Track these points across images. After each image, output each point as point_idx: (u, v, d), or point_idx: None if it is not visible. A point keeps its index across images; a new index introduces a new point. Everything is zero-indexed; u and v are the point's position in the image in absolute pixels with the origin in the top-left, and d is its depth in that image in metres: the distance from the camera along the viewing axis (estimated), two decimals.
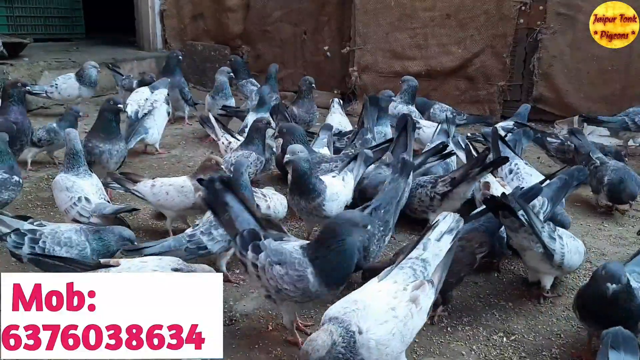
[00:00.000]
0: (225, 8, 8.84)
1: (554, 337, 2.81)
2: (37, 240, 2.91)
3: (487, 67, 7.32)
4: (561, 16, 6.89)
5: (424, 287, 2.27)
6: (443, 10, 7.36)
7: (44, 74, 7.15)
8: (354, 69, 7.85)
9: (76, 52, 8.56)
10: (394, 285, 2.28)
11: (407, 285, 2.27)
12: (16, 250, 2.91)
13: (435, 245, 2.44)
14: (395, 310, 2.17)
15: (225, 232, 2.73)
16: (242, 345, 2.69)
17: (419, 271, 2.34)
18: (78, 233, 3.00)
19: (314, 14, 8.36)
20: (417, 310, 2.21)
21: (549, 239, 2.88)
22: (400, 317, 2.16)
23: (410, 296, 2.23)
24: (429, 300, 2.28)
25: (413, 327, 2.22)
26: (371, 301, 2.20)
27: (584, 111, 6.92)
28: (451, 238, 2.47)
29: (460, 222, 2.55)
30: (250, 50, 8.92)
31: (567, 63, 6.98)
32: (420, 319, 2.25)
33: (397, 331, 2.14)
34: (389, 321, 2.13)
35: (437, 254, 2.42)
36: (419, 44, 7.56)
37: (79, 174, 3.56)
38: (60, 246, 2.93)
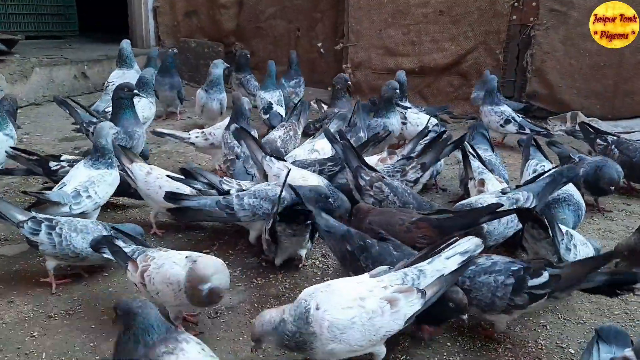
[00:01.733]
0: (219, 5, 8.81)
1: (540, 328, 2.80)
2: (53, 227, 2.93)
3: (481, 63, 7.31)
4: (554, 12, 6.89)
5: (409, 294, 2.22)
6: (436, 6, 7.35)
7: (35, 71, 7.11)
8: (347, 66, 7.82)
9: (68, 49, 8.54)
10: (376, 282, 2.27)
11: (391, 286, 2.24)
12: (32, 236, 2.91)
13: (442, 262, 2.35)
14: (364, 301, 2.16)
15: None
16: (227, 337, 2.68)
17: (410, 277, 2.29)
18: (94, 223, 3.06)
19: (307, 11, 8.34)
20: (391, 311, 2.17)
21: (564, 250, 2.89)
22: (366, 310, 2.14)
23: (388, 295, 2.19)
24: (412, 308, 2.22)
25: (381, 326, 2.17)
26: (344, 287, 2.21)
27: (577, 107, 6.94)
28: (462, 259, 2.36)
29: (479, 248, 2.42)
30: (244, 47, 8.87)
31: (560, 59, 6.98)
32: (394, 322, 2.20)
33: (359, 322, 2.12)
34: (352, 308, 2.14)
35: (439, 269, 2.33)
36: (412, 40, 7.54)
37: (92, 164, 3.51)
38: (77, 232, 2.95)
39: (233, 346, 2.61)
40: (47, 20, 9.69)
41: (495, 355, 2.60)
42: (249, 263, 3.40)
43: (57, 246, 2.92)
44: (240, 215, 3.31)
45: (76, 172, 3.51)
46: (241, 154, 4.30)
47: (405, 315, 2.21)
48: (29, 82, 6.99)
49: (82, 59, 7.83)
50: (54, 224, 2.95)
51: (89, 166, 3.51)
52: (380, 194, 3.51)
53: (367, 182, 3.57)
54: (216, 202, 3.31)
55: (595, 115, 6.87)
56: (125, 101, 4.48)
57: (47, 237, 2.91)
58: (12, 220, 2.95)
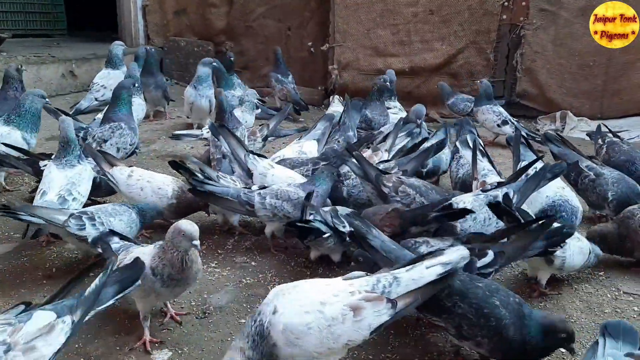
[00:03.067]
0: (209, 3, 8.77)
1: None
2: (93, 217, 2.99)
3: (471, 63, 7.32)
4: (544, 12, 6.93)
5: (378, 303, 2.07)
6: (426, 6, 7.30)
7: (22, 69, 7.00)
8: (334, 67, 7.71)
9: (56, 48, 8.45)
10: (345, 286, 2.13)
11: (359, 292, 2.10)
12: (80, 231, 2.95)
13: (420, 271, 2.18)
14: (324, 306, 2.04)
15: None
16: (215, 338, 2.65)
17: (382, 285, 2.13)
18: (118, 204, 3.22)
19: (297, 10, 8.31)
20: (353, 319, 2.04)
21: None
22: (326, 316, 2.02)
23: (353, 302, 2.06)
24: (379, 318, 2.07)
25: (340, 334, 2.04)
26: (309, 289, 2.13)
27: (566, 106, 6.97)
28: (442, 271, 2.17)
29: (464, 260, 2.28)
30: (233, 46, 8.85)
31: (550, 59, 7.01)
32: (357, 331, 2.06)
33: (316, 328, 2.00)
34: (310, 313, 2.02)
35: (415, 279, 2.15)
36: (402, 40, 7.47)
37: (61, 163, 3.43)
38: (113, 217, 3.05)
39: (221, 346, 2.57)
40: (35, 19, 9.59)
41: None
42: (238, 263, 3.37)
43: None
44: (260, 214, 3.38)
45: (52, 176, 3.37)
46: (228, 153, 4.26)
47: (371, 326, 2.06)
48: None
49: (70, 57, 7.75)
50: (91, 215, 3.02)
51: (62, 167, 3.41)
52: (407, 198, 3.42)
53: (391, 189, 3.45)
54: (237, 195, 3.36)
55: (584, 114, 6.92)
56: (128, 97, 4.58)
57: (93, 228, 2.98)
58: (57, 222, 2.95)
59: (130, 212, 3.16)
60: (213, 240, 3.66)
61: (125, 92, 4.58)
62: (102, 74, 6.45)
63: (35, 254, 3.38)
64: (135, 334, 2.63)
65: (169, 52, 8.86)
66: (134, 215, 3.16)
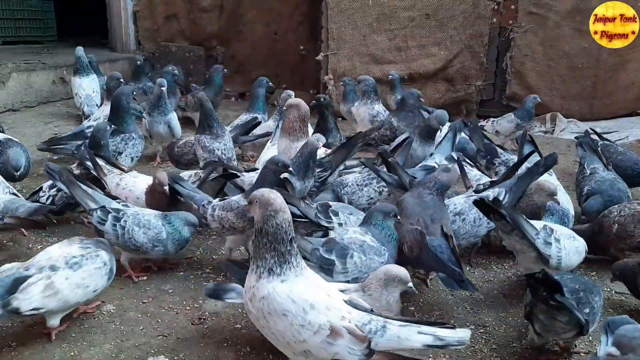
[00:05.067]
0: (199, 8, 8.79)
1: (525, 328, 2.80)
2: (119, 219, 3.02)
3: (466, 67, 7.30)
4: (532, 15, 6.99)
5: (357, 342, 2.00)
6: (422, 9, 7.20)
7: (12, 76, 6.99)
8: (329, 77, 7.44)
9: (46, 54, 8.42)
10: (343, 307, 2.09)
11: (349, 321, 2.03)
12: (99, 225, 3.03)
13: (410, 333, 2.05)
14: (312, 309, 2.03)
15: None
16: (211, 344, 2.64)
17: (370, 327, 2.04)
18: (156, 217, 3.14)
19: (288, 14, 8.34)
20: (326, 339, 2.01)
21: (543, 244, 2.82)
22: (306, 318, 2.03)
23: (336, 326, 2.01)
24: (347, 355, 2.01)
25: (305, 341, 2.04)
26: (313, 288, 2.13)
27: (556, 108, 7.04)
28: (430, 343, 2.03)
29: (460, 345, 2.10)
30: (224, 50, 8.86)
31: (539, 61, 7.07)
32: (320, 349, 2.04)
33: (291, 320, 2.04)
34: (296, 304, 2.05)
35: (401, 338, 2.04)
36: (399, 46, 7.33)
37: None
38: (139, 227, 3.05)
39: (217, 352, 2.57)
40: (25, 26, 9.53)
41: (482, 355, 2.60)
42: None
43: (119, 237, 3.01)
44: (212, 227, 3.28)
45: None
46: (222, 157, 4.26)
47: (336, 354, 2.02)
48: (6, 88, 6.87)
49: (61, 64, 7.72)
50: (120, 215, 3.04)
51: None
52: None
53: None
54: (201, 205, 3.28)
55: (574, 116, 6.99)
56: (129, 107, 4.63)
57: (112, 228, 3.01)
58: (85, 207, 3.05)
59: (162, 230, 3.07)
60: (207, 245, 3.67)
61: (125, 99, 4.58)
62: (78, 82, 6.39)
63: None
64: (131, 341, 2.63)
65: (161, 58, 8.84)
66: (163, 235, 3.07)
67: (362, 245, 2.72)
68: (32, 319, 2.66)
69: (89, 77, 6.39)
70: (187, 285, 3.16)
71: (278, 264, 2.08)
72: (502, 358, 2.59)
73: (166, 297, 3.02)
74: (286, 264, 2.08)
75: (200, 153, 4.37)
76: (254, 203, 2.14)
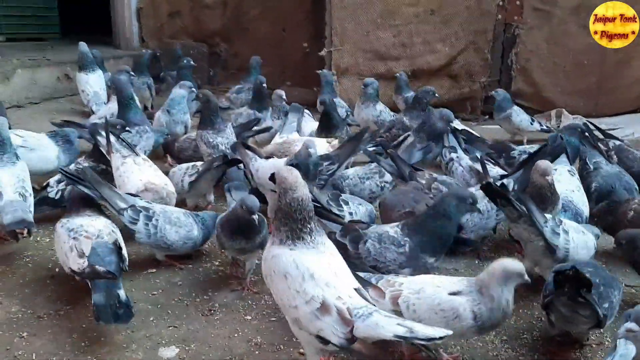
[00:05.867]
0: (203, 5, 8.79)
1: (535, 320, 2.81)
2: (150, 217, 3.02)
3: (470, 64, 7.22)
4: (538, 11, 6.97)
5: (342, 324, 1.95)
6: (427, 5, 7.13)
7: (17, 72, 6.99)
8: (332, 73, 7.27)
9: (51, 51, 8.41)
10: (343, 290, 2.05)
11: (343, 303, 1.99)
12: (131, 225, 3.01)
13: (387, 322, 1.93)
14: (311, 278, 2.03)
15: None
16: (222, 335, 2.64)
17: (359, 312, 1.96)
18: (186, 215, 3.17)
19: (292, 11, 8.33)
20: (314, 311, 1.99)
21: (551, 233, 2.79)
22: (302, 286, 2.03)
23: (328, 303, 1.99)
24: (329, 335, 1.97)
25: (296, 307, 2.05)
26: (323, 263, 2.13)
27: (561, 105, 7.02)
28: (402, 334, 1.89)
29: (428, 341, 1.92)
30: (228, 47, 8.87)
31: (544, 58, 7.06)
32: (306, 320, 2.03)
33: (289, 283, 2.07)
34: (297, 270, 2.06)
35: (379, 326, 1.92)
36: (404, 42, 7.23)
37: (1, 162, 3.31)
38: (170, 225, 3.07)
39: (228, 342, 2.58)
40: (28, 22, 9.50)
41: (492, 347, 2.60)
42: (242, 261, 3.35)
43: (151, 237, 3.03)
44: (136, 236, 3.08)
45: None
46: (227, 150, 4.24)
47: (319, 331, 2.00)
48: (10, 84, 6.85)
49: (65, 60, 7.70)
50: (151, 214, 3.05)
51: (3, 164, 3.29)
52: (439, 194, 3.43)
53: (425, 186, 3.52)
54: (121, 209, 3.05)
55: (579, 112, 6.95)
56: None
57: (144, 227, 3.01)
58: (115, 207, 3.02)
59: (193, 227, 3.12)
60: (214, 238, 3.66)
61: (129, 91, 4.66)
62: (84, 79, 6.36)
63: (36, 254, 3.36)
64: (142, 332, 2.63)
65: (164, 55, 8.83)
66: (195, 233, 3.13)
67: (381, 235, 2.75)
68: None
69: (95, 74, 6.37)
70: (197, 277, 3.17)
71: (289, 238, 2.12)
72: (514, 349, 2.59)
73: (176, 289, 3.03)
74: (299, 239, 2.11)
75: (204, 149, 4.34)
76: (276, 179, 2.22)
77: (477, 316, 2.24)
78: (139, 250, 3.44)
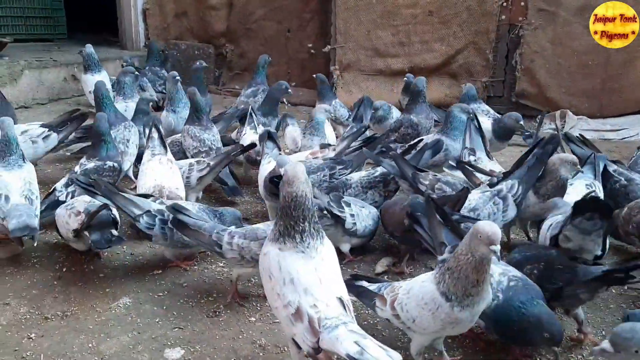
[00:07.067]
0: (209, 6, 8.80)
1: None
2: (166, 221, 3.04)
3: (471, 63, 7.35)
4: (542, 12, 6.95)
5: (309, 334, 1.96)
6: (425, 7, 7.34)
7: (24, 73, 7.05)
8: (335, 68, 7.77)
9: (57, 52, 8.46)
10: (330, 296, 2.04)
11: (320, 312, 1.98)
12: (148, 230, 3.06)
13: (346, 337, 1.90)
14: (302, 272, 2.05)
15: None
16: (226, 336, 2.67)
17: (332, 323, 1.95)
18: (200, 208, 3.22)
19: (297, 12, 8.35)
20: (286, 313, 2.03)
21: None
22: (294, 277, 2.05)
23: (304, 309, 1.99)
24: (301, 342, 2.02)
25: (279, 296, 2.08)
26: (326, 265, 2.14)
27: (565, 106, 7.02)
28: (353, 353, 1.84)
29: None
30: (234, 48, 8.89)
31: (549, 58, 7.05)
32: (282, 316, 2.10)
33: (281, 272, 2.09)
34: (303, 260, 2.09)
35: (338, 340, 1.90)
36: (402, 41, 7.53)
37: (8, 164, 3.35)
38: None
39: (233, 344, 2.61)
40: (35, 24, 9.55)
41: (494, 349, 2.62)
42: None
43: (169, 239, 3.09)
44: (228, 257, 2.87)
45: (5, 179, 3.27)
46: (213, 145, 4.43)
47: (294, 335, 2.04)
48: (18, 85, 6.93)
49: (72, 61, 7.75)
50: (166, 217, 3.06)
51: (10, 167, 3.34)
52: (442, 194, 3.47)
53: (428, 187, 3.53)
54: (213, 232, 2.88)
55: (583, 113, 6.96)
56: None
57: (161, 231, 3.06)
58: (130, 214, 3.07)
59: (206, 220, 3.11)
60: None
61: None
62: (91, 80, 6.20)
63: (44, 256, 3.41)
64: (148, 333, 2.67)
65: (169, 55, 8.87)
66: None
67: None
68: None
69: (101, 74, 6.42)
70: (202, 278, 3.20)
71: (281, 234, 2.12)
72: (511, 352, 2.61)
73: (181, 291, 3.06)
74: (289, 237, 2.10)
75: (189, 142, 4.50)
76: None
77: (446, 295, 2.16)
78: (144, 252, 3.50)
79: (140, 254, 3.47)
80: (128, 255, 3.46)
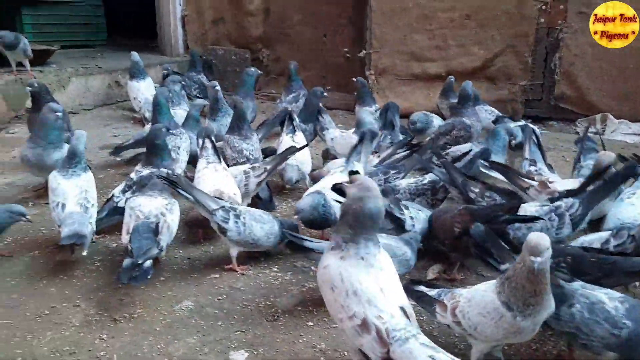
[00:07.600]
0: (246, 12, 8.94)
1: None
2: (239, 216, 3.27)
3: (509, 66, 7.31)
4: (582, 15, 6.89)
5: (377, 345, 2.01)
6: (462, 10, 7.33)
7: (72, 80, 7.31)
8: (371, 72, 7.78)
9: (100, 59, 8.71)
10: (391, 307, 2.08)
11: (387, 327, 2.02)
12: (223, 223, 3.24)
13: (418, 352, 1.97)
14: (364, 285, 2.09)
15: None
16: (287, 339, 2.77)
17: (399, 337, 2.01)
18: (265, 213, 3.47)
19: (333, 17, 8.43)
20: (351, 324, 2.07)
21: None
22: (356, 287, 2.09)
23: (370, 321, 2.03)
24: (370, 352, 2.06)
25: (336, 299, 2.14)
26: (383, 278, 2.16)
27: (606, 109, 6.96)
28: None
29: None
30: (270, 53, 9.03)
31: (589, 61, 6.99)
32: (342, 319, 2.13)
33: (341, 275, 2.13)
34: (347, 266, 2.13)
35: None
36: (439, 45, 7.51)
37: (67, 173, 3.54)
38: (256, 222, 3.32)
39: (293, 348, 2.70)
40: (78, 30, 9.83)
41: None
42: (298, 267, 3.49)
43: (241, 233, 3.26)
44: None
45: (63, 187, 3.48)
46: (251, 156, 4.47)
47: (361, 346, 2.08)
48: (66, 92, 7.18)
49: (115, 68, 8.00)
50: (239, 212, 3.29)
51: (69, 176, 3.54)
52: (492, 203, 3.53)
53: (478, 194, 3.59)
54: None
55: (625, 117, 6.90)
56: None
57: (235, 225, 3.25)
58: (207, 208, 3.25)
59: (274, 223, 3.39)
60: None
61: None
62: (136, 86, 6.64)
63: (106, 260, 3.55)
64: (212, 336, 2.78)
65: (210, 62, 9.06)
66: (276, 228, 3.39)
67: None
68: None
69: (146, 81, 6.62)
70: (258, 283, 3.31)
71: (345, 241, 2.14)
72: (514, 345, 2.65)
73: (239, 295, 3.17)
74: (353, 243, 2.12)
75: (229, 153, 4.60)
76: (354, 182, 2.21)
77: (508, 304, 2.20)
78: (201, 257, 3.63)
79: (197, 259, 3.60)
80: (185, 259, 3.60)
